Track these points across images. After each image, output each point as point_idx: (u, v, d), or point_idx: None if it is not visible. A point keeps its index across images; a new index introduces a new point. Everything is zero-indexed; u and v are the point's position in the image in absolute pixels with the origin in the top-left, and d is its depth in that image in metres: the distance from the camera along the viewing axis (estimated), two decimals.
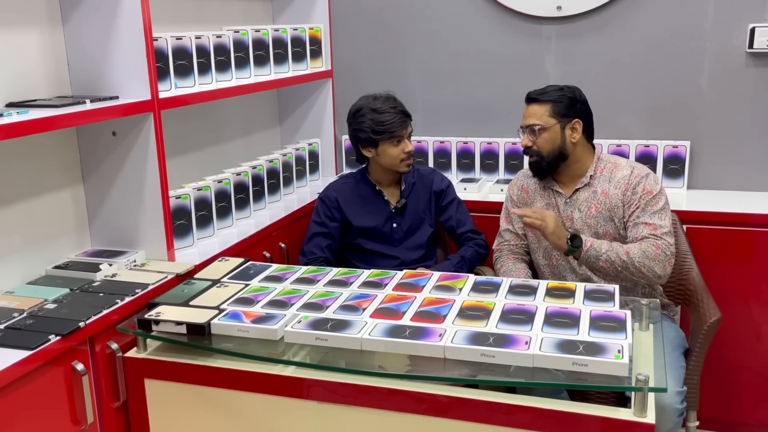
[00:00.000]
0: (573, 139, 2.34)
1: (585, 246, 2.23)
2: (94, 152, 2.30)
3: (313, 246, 2.63)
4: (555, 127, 2.34)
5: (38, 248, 2.19)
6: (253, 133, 3.27)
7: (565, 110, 2.34)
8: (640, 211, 2.29)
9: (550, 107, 2.34)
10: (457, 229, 2.71)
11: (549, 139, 2.34)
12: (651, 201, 2.29)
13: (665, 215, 2.29)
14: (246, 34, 2.78)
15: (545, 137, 2.34)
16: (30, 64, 2.13)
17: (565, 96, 2.35)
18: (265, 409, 1.85)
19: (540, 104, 2.36)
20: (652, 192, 2.30)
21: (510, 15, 3.14)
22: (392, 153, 2.56)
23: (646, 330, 1.95)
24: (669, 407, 2.02)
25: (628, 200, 2.32)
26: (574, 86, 2.40)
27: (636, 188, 2.31)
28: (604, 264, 2.22)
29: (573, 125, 2.34)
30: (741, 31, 2.85)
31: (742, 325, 2.73)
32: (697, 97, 2.97)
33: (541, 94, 2.37)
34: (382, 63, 3.37)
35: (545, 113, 2.34)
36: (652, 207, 2.28)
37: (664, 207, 2.30)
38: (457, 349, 1.71)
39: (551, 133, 2.34)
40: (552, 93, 2.36)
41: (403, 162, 2.58)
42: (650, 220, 2.27)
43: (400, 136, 2.54)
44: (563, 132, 2.34)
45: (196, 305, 2.01)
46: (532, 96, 2.39)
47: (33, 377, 1.72)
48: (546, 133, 2.34)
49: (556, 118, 2.33)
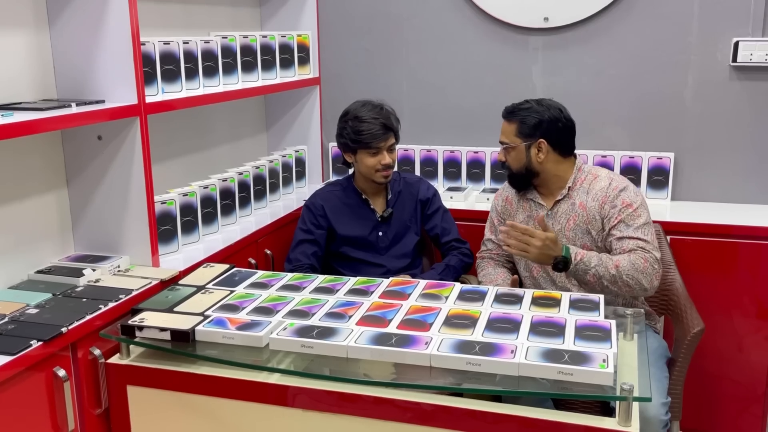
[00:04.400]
0: (539, 158, 2.35)
1: (575, 259, 2.19)
2: (79, 156, 2.29)
3: (299, 253, 2.62)
4: (520, 147, 2.35)
5: (21, 252, 2.17)
6: (239, 139, 3.26)
7: (529, 131, 2.34)
8: (624, 226, 2.27)
9: (516, 127, 2.36)
10: (442, 238, 2.71)
11: (516, 158, 2.37)
12: (632, 214, 2.27)
13: (648, 230, 2.27)
14: (234, 40, 2.77)
15: (512, 155, 2.38)
16: (15, 67, 2.11)
17: (531, 117, 2.34)
18: (249, 416, 1.84)
19: (509, 123, 2.39)
20: (633, 205, 2.28)
21: (497, 25, 3.16)
22: (368, 163, 2.56)
23: (630, 340, 1.95)
24: (653, 418, 2.02)
25: (606, 213, 2.30)
26: (551, 102, 2.38)
27: (615, 201, 2.29)
28: (591, 279, 2.20)
29: (538, 145, 2.34)
30: (725, 45, 2.88)
31: (725, 336, 2.75)
32: (681, 110, 3.00)
33: (510, 112, 2.39)
34: (369, 71, 3.38)
35: (512, 132, 2.37)
36: (635, 221, 2.27)
37: (647, 222, 2.28)
38: (443, 358, 1.71)
39: (517, 153, 2.36)
40: (520, 112, 2.36)
41: (378, 173, 2.57)
42: (634, 234, 2.25)
43: (377, 147, 2.54)
44: (528, 151, 2.35)
45: (181, 311, 1.99)
46: (504, 113, 2.41)
47: (14, 383, 1.70)
48: (513, 152, 2.37)
49: (520, 138, 2.35)
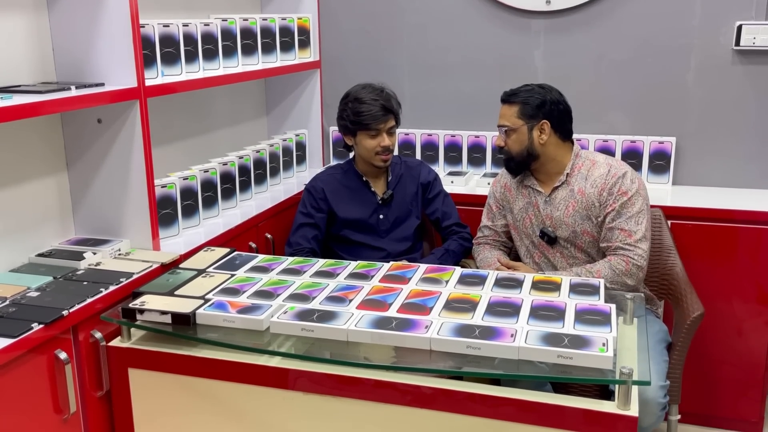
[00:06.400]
0: (541, 140, 2.35)
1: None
2: (79, 139, 2.28)
3: (299, 237, 2.62)
4: (522, 129, 2.35)
5: (21, 236, 2.17)
6: (240, 122, 3.25)
7: (533, 111, 2.34)
8: (615, 214, 2.28)
9: (518, 108, 2.35)
10: (443, 222, 2.71)
11: (517, 140, 2.36)
12: (626, 203, 2.28)
13: (642, 218, 2.28)
14: (234, 22, 2.76)
15: (513, 138, 2.37)
16: (14, 49, 2.10)
17: (533, 97, 2.34)
18: (250, 399, 1.85)
19: (510, 105, 2.37)
20: (628, 193, 2.28)
21: (499, 9, 3.14)
22: (367, 145, 2.56)
23: (630, 324, 1.96)
24: (652, 401, 2.04)
25: (604, 200, 2.31)
26: (549, 86, 2.40)
27: (612, 189, 2.30)
28: None
29: (540, 126, 2.34)
30: (728, 29, 2.86)
31: (725, 320, 2.76)
32: (683, 94, 2.98)
33: (511, 95, 2.38)
34: (370, 54, 3.36)
35: (513, 114, 2.36)
36: (628, 210, 2.27)
37: (641, 209, 2.29)
38: (443, 341, 1.72)
39: (519, 135, 2.35)
40: (522, 94, 2.36)
41: (378, 155, 2.57)
42: (625, 226, 2.26)
43: (377, 129, 2.53)
44: (530, 133, 2.34)
45: (182, 295, 2.00)
46: (504, 96, 2.40)
47: (15, 365, 1.70)
48: (514, 135, 2.36)
49: (523, 120, 2.34)
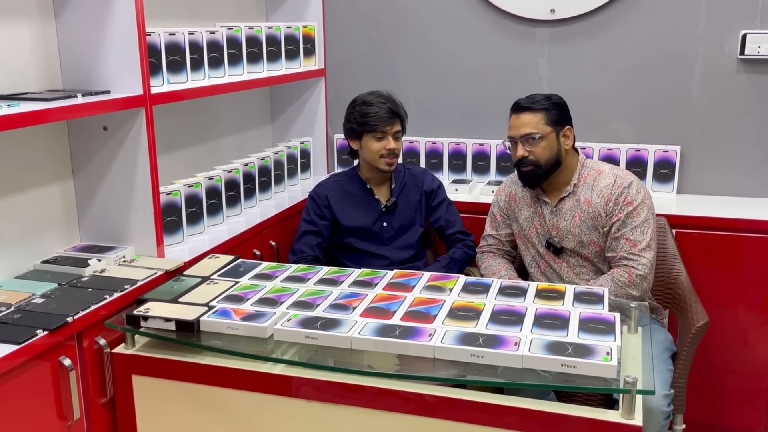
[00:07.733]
0: (566, 146, 2.35)
1: None
2: (84, 147, 2.29)
3: (303, 244, 2.62)
4: (551, 135, 2.32)
5: (27, 242, 2.18)
6: (244, 130, 3.26)
7: (558, 117, 2.34)
8: (621, 224, 2.28)
9: (544, 115, 2.32)
10: (447, 230, 2.71)
11: (547, 147, 2.32)
12: (632, 213, 2.28)
13: (647, 228, 2.28)
14: (239, 30, 2.77)
15: (543, 146, 2.32)
16: (21, 57, 2.11)
17: (554, 103, 2.35)
18: (253, 407, 1.85)
19: (533, 113, 2.33)
20: (633, 203, 2.28)
21: (503, 17, 3.15)
22: (373, 147, 2.56)
23: (634, 333, 1.95)
24: (656, 410, 2.03)
25: (610, 210, 2.31)
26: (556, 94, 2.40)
27: (618, 198, 2.30)
28: None
29: (565, 132, 2.35)
30: (732, 38, 2.86)
31: (730, 330, 2.75)
32: (688, 103, 2.98)
33: (532, 102, 2.35)
34: (375, 62, 3.37)
35: (540, 121, 2.32)
36: (633, 220, 2.28)
37: (647, 219, 2.29)
38: (447, 349, 1.72)
39: (549, 141, 2.32)
40: (542, 101, 2.34)
41: (383, 159, 2.57)
42: (630, 236, 2.26)
43: (383, 131, 2.54)
44: (558, 139, 2.34)
45: (186, 302, 2.00)
46: (523, 105, 2.35)
47: (20, 372, 1.71)
48: (544, 142, 2.31)
49: (551, 126, 2.33)
